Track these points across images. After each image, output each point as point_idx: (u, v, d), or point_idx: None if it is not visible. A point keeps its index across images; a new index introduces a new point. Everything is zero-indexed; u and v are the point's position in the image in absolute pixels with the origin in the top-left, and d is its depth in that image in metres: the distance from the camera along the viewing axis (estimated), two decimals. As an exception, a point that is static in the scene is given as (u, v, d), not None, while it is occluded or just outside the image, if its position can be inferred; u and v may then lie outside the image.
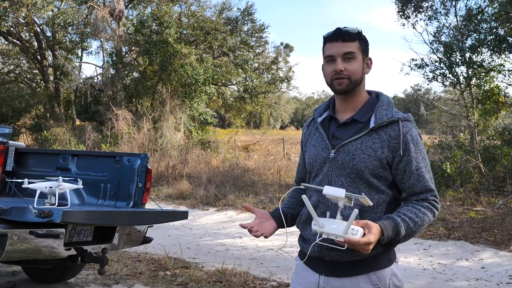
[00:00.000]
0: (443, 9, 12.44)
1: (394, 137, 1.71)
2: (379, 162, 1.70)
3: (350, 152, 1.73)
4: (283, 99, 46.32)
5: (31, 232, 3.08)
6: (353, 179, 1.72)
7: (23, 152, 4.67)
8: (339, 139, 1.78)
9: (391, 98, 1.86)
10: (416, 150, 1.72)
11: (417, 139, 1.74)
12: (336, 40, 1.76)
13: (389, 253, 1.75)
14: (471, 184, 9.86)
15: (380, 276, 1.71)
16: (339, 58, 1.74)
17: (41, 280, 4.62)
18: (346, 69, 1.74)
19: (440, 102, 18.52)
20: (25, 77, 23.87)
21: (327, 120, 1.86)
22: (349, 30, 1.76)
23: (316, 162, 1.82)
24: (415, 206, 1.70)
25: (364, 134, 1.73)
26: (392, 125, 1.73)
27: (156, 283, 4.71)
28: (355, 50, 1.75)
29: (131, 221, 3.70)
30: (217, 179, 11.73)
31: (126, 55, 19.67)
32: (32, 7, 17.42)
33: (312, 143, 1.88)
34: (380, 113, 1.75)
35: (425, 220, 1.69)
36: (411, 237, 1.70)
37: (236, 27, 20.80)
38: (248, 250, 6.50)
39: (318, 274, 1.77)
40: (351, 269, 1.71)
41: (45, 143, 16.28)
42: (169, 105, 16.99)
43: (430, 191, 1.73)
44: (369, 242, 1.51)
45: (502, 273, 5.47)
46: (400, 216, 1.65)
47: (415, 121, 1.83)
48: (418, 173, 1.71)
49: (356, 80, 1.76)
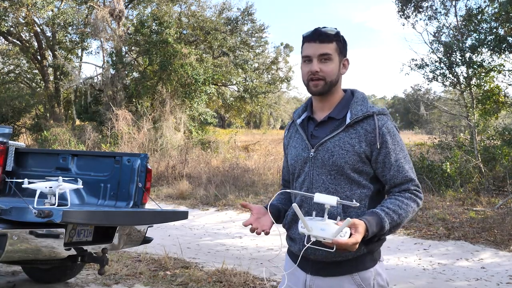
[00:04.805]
0: (443, 9, 12.45)
1: (370, 131, 1.74)
2: (358, 156, 1.73)
3: (329, 150, 1.76)
4: (283, 99, 46.35)
5: (31, 232, 3.08)
6: (334, 176, 1.75)
7: (23, 152, 4.67)
8: (318, 138, 1.81)
9: (365, 94, 1.89)
10: (393, 142, 1.75)
11: (393, 131, 1.77)
12: (313, 40, 1.78)
13: (374, 253, 1.77)
14: (471, 184, 9.85)
15: (363, 276, 1.74)
16: (315, 59, 1.77)
17: (41, 280, 4.62)
18: (322, 70, 1.77)
19: (440, 102, 18.51)
20: (25, 77, 23.87)
21: (306, 120, 1.90)
22: (327, 31, 1.78)
23: (297, 162, 1.85)
24: (397, 198, 1.72)
25: (341, 131, 1.77)
26: (367, 120, 1.76)
27: (156, 283, 4.71)
28: (332, 52, 1.78)
29: (131, 221, 3.69)
30: (217, 179, 11.73)
31: (126, 55, 19.66)
32: (32, 7, 17.42)
33: (293, 145, 1.91)
34: (355, 109, 1.78)
35: (409, 211, 1.71)
36: (397, 229, 1.73)
37: (236, 27, 20.79)
38: (248, 250, 6.50)
39: (305, 273, 1.80)
40: (335, 269, 1.74)
41: (45, 143, 16.27)
42: (169, 105, 16.99)
43: (411, 181, 1.75)
44: (356, 242, 1.53)
45: (502, 273, 5.47)
46: (384, 210, 1.67)
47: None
48: (397, 164, 1.74)
49: (332, 81, 1.79)
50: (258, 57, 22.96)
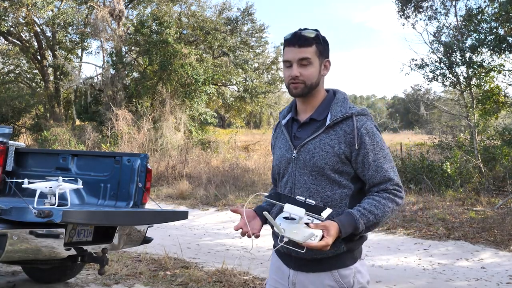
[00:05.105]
0: (443, 9, 12.45)
1: (349, 132, 1.77)
2: (337, 157, 1.76)
3: (310, 151, 1.79)
4: (283, 99, 46.25)
5: (31, 232, 3.08)
6: (315, 176, 1.78)
7: (23, 152, 4.67)
8: (300, 139, 1.85)
9: (346, 94, 1.92)
10: (372, 142, 1.77)
11: (373, 131, 1.79)
12: (293, 45, 1.80)
13: (354, 252, 1.80)
14: (471, 184, 9.85)
15: (343, 274, 1.77)
16: (295, 63, 1.80)
17: (41, 280, 4.62)
18: (302, 74, 1.80)
19: (440, 102, 18.50)
20: (25, 77, 23.87)
21: (290, 121, 1.93)
22: (306, 35, 1.80)
23: (282, 163, 1.89)
24: (375, 198, 1.74)
25: (321, 132, 1.80)
26: (346, 121, 1.79)
27: (156, 283, 4.71)
28: (311, 56, 1.79)
29: (131, 221, 3.69)
30: (217, 179, 11.73)
31: (126, 55, 19.67)
32: (32, 7, 17.42)
33: (278, 145, 1.95)
34: (335, 110, 1.81)
35: (386, 210, 1.73)
36: (375, 228, 1.76)
37: (236, 27, 20.79)
38: (248, 250, 6.49)
39: (288, 268, 1.85)
40: (316, 266, 1.78)
41: (45, 143, 16.27)
42: (169, 105, 16.99)
43: (390, 180, 1.77)
44: (326, 245, 1.59)
45: (502, 273, 5.47)
46: (360, 211, 1.71)
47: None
48: (375, 164, 1.76)
49: (312, 84, 1.82)
50: (258, 57, 22.95)
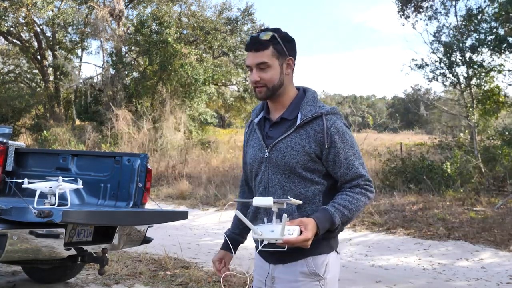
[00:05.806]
0: (443, 9, 12.43)
1: (319, 131, 1.79)
2: (308, 156, 1.79)
3: (281, 150, 1.82)
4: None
5: (31, 232, 3.08)
6: (288, 175, 1.81)
7: (23, 152, 4.67)
8: (272, 138, 1.87)
9: (316, 93, 1.93)
10: (342, 141, 1.80)
11: (343, 130, 1.82)
12: (250, 49, 1.83)
13: (330, 240, 1.83)
14: (471, 184, 9.85)
15: (316, 261, 1.80)
16: (254, 68, 1.82)
17: (41, 280, 4.61)
18: (262, 78, 1.81)
19: (440, 102, 18.49)
20: (25, 77, 23.85)
21: (263, 120, 1.95)
22: (261, 38, 1.81)
23: (255, 162, 1.91)
24: (348, 194, 1.78)
25: (292, 131, 1.82)
26: (316, 120, 1.81)
27: (156, 283, 4.71)
28: (268, 59, 1.80)
29: (131, 221, 3.69)
30: (217, 179, 11.73)
31: (126, 55, 19.66)
32: (32, 7, 17.42)
33: (251, 144, 1.97)
34: (305, 110, 1.83)
35: (360, 205, 1.78)
36: (349, 223, 1.81)
37: (236, 27, 20.77)
38: (248, 250, 6.48)
39: (268, 264, 1.90)
40: (292, 255, 1.80)
41: (45, 143, 16.27)
42: (169, 105, 16.98)
43: (361, 176, 1.81)
44: (306, 238, 1.60)
45: (502, 273, 5.48)
46: (334, 206, 1.74)
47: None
48: (347, 162, 1.79)
49: (274, 86, 1.83)
50: (258, 57, 22.91)
